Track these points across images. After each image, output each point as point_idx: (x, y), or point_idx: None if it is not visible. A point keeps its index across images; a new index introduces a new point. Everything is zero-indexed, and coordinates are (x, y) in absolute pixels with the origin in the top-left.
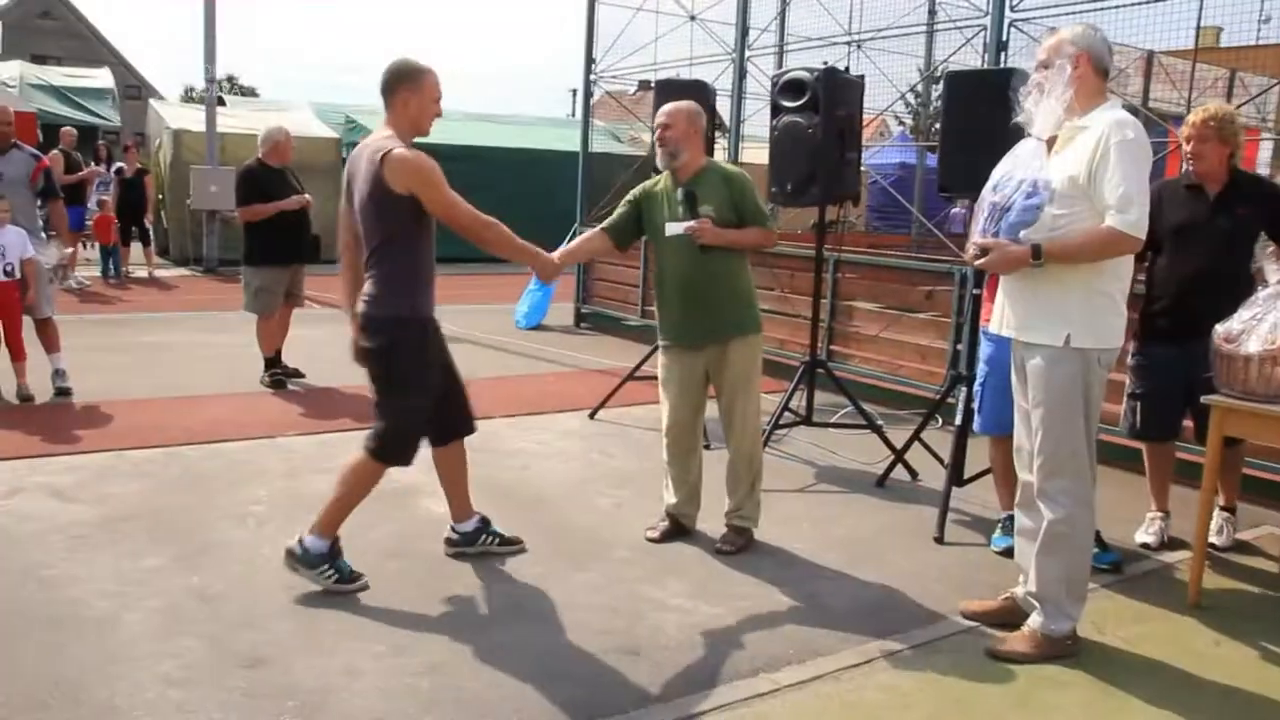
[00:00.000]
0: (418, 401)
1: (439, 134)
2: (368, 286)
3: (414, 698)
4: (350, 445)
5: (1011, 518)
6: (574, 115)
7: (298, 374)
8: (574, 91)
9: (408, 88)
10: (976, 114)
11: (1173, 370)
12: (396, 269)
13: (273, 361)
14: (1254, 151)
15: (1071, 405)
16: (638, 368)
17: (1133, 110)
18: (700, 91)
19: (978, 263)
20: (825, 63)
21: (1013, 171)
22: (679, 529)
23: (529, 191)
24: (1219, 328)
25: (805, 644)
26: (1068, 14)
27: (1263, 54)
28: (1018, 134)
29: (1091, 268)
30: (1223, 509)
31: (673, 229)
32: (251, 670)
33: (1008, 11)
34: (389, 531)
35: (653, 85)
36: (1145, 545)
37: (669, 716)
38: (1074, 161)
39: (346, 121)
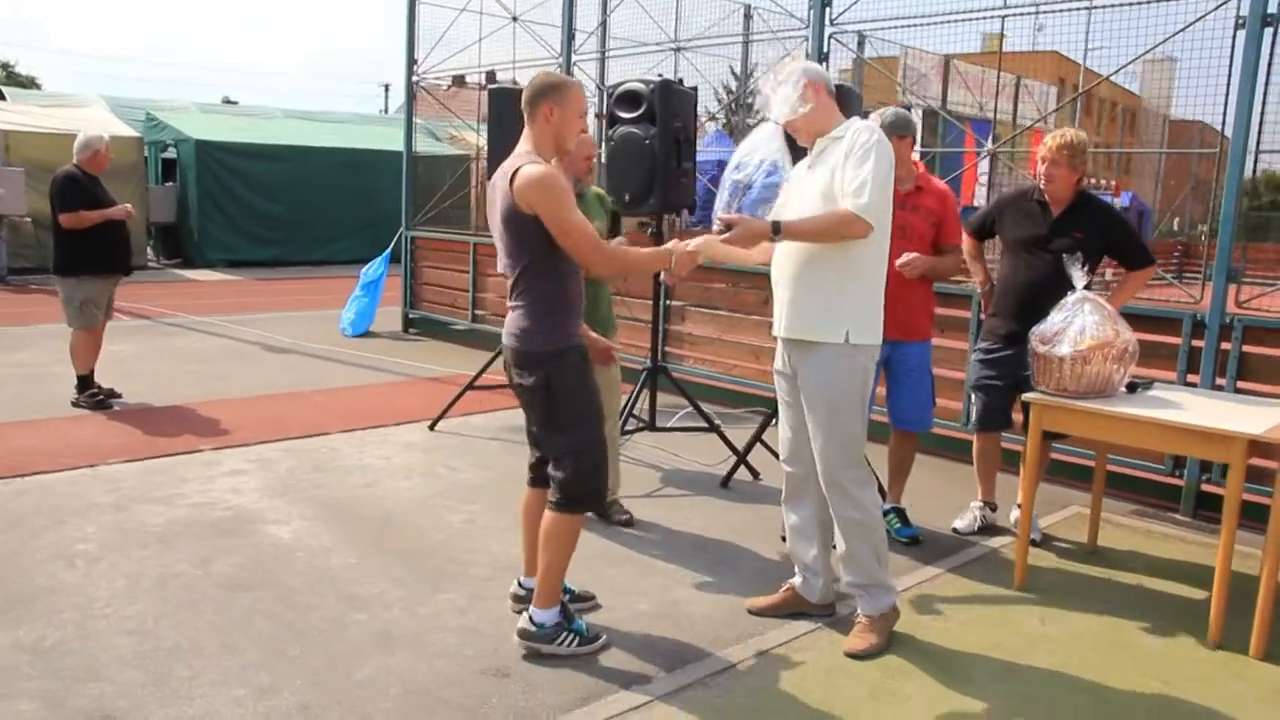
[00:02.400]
0: (593, 433)
1: (253, 133)
2: (517, 319)
3: None
4: (183, 469)
5: (897, 509)
6: (388, 111)
7: (113, 394)
8: (386, 87)
9: (552, 100)
10: None
11: (1008, 367)
12: (543, 297)
13: (87, 380)
14: (1037, 144)
15: (854, 398)
16: (478, 376)
17: (932, 112)
18: None
19: (722, 238)
20: (660, 75)
21: (753, 152)
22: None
23: (350, 192)
24: (1034, 330)
25: (672, 653)
26: (885, 25)
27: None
28: None
29: (864, 272)
30: (984, 501)
31: None
32: None
33: (828, 25)
34: (233, 564)
35: (482, 87)
36: (955, 530)
37: None
38: (826, 170)
39: (147, 119)
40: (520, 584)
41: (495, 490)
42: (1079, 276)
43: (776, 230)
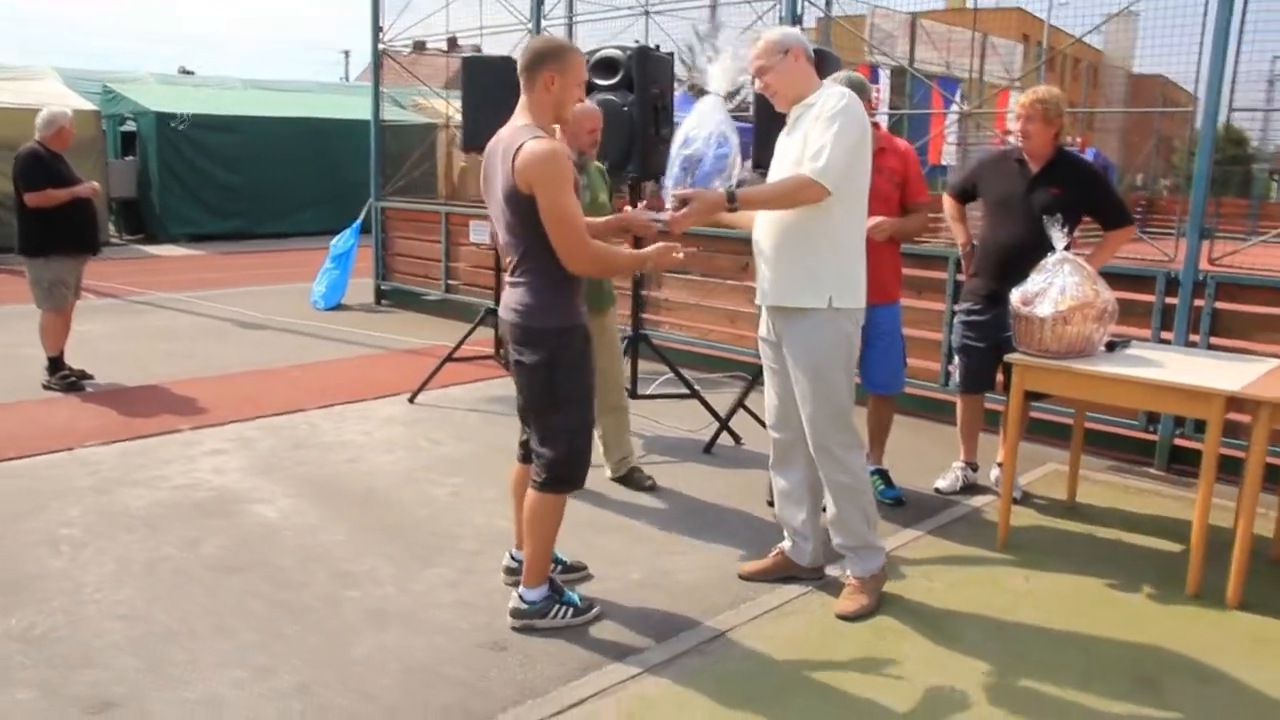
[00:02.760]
0: (589, 415)
1: (213, 104)
2: (519, 295)
3: None
4: (163, 450)
5: (880, 470)
6: (349, 79)
7: (85, 375)
8: (347, 54)
9: (553, 68)
10: None
11: (990, 329)
12: (549, 273)
13: (58, 362)
14: (1004, 103)
15: (839, 363)
16: (457, 348)
17: (900, 70)
18: (510, 68)
19: (678, 214)
20: (637, 41)
21: (699, 125)
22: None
23: (313, 163)
24: (1015, 291)
25: (666, 622)
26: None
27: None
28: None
29: (844, 236)
30: (966, 462)
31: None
32: (100, 716)
33: None
34: (220, 545)
35: (444, 52)
36: (937, 489)
37: (549, 710)
38: (800, 137)
39: (104, 91)
40: (512, 556)
41: (478, 463)
42: (1059, 237)
43: (731, 199)
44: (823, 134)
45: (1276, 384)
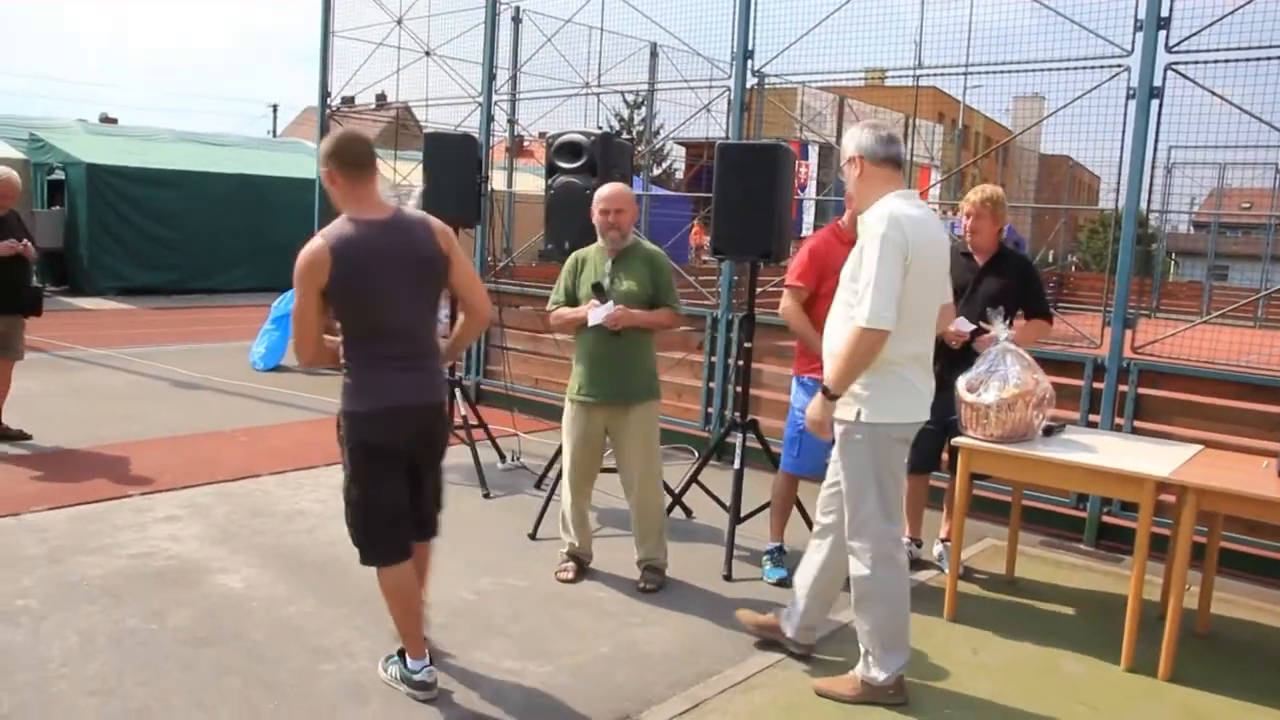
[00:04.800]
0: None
1: (144, 157)
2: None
3: None
4: (114, 516)
5: (779, 548)
6: (276, 133)
7: (23, 435)
8: (275, 108)
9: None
10: (746, 181)
11: (938, 412)
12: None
13: None
14: (925, 181)
15: (864, 475)
16: None
17: (828, 147)
18: (469, 144)
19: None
20: (602, 127)
21: None
22: (582, 568)
23: (246, 219)
24: (961, 379)
25: (638, 694)
26: (805, 79)
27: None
28: (781, 200)
29: (883, 355)
30: (910, 538)
31: (594, 318)
32: None
33: (749, 75)
34: (188, 617)
35: (375, 108)
36: None
37: None
38: (857, 252)
39: (31, 139)
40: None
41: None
42: (1000, 328)
43: (828, 393)
44: (868, 268)
45: (1201, 470)
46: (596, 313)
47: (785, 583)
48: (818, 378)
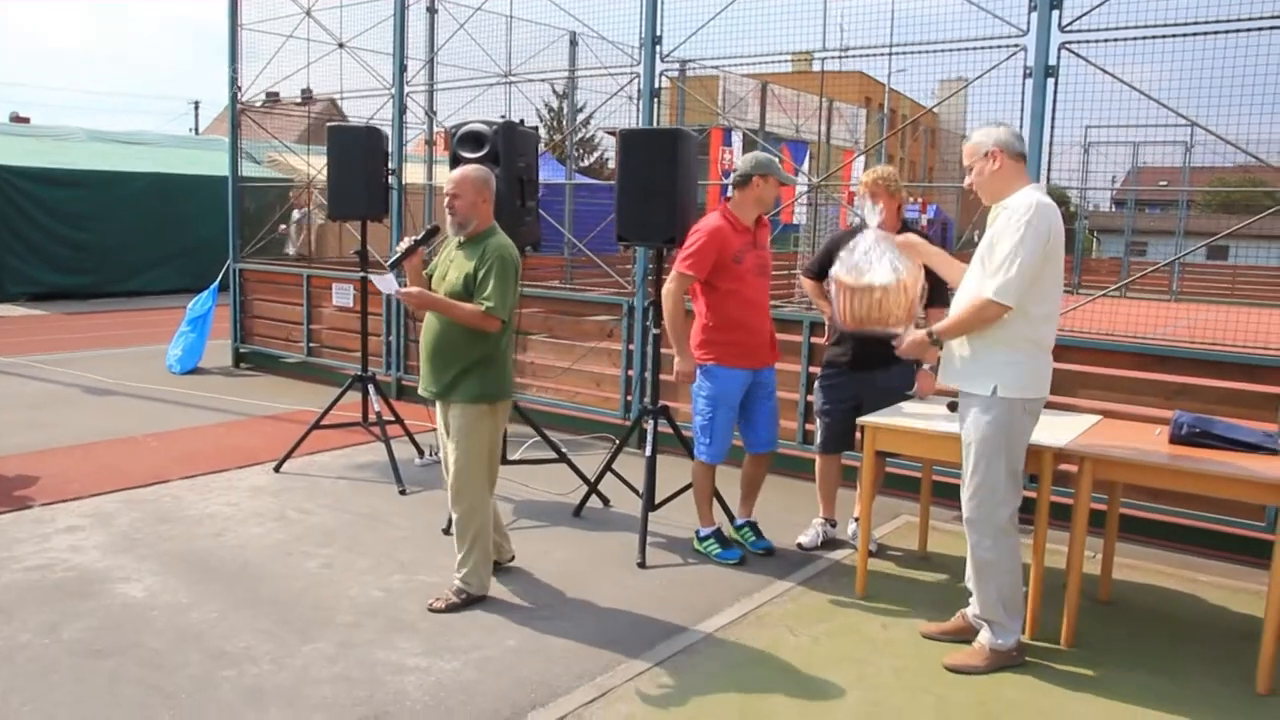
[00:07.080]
0: None
1: (55, 157)
2: None
3: None
4: (13, 529)
5: (717, 530)
6: (198, 131)
7: None
8: (196, 104)
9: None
10: (649, 168)
11: (848, 390)
12: None
13: None
14: (849, 170)
15: (995, 447)
16: (324, 415)
17: (753, 134)
18: (374, 136)
19: (900, 350)
20: (504, 116)
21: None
22: (498, 568)
23: (162, 219)
24: (840, 270)
25: (544, 685)
26: (718, 65)
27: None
28: (684, 186)
29: (1015, 330)
30: (825, 518)
31: (382, 286)
32: None
33: (658, 61)
34: (84, 628)
35: (299, 103)
36: (800, 545)
37: None
38: (989, 239)
39: None
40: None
41: (350, 532)
42: (871, 215)
43: (933, 338)
44: (1006, 247)
45: (1097, 439)
46: (381, 281)
47: (742, 561)
48: (710, 363)
